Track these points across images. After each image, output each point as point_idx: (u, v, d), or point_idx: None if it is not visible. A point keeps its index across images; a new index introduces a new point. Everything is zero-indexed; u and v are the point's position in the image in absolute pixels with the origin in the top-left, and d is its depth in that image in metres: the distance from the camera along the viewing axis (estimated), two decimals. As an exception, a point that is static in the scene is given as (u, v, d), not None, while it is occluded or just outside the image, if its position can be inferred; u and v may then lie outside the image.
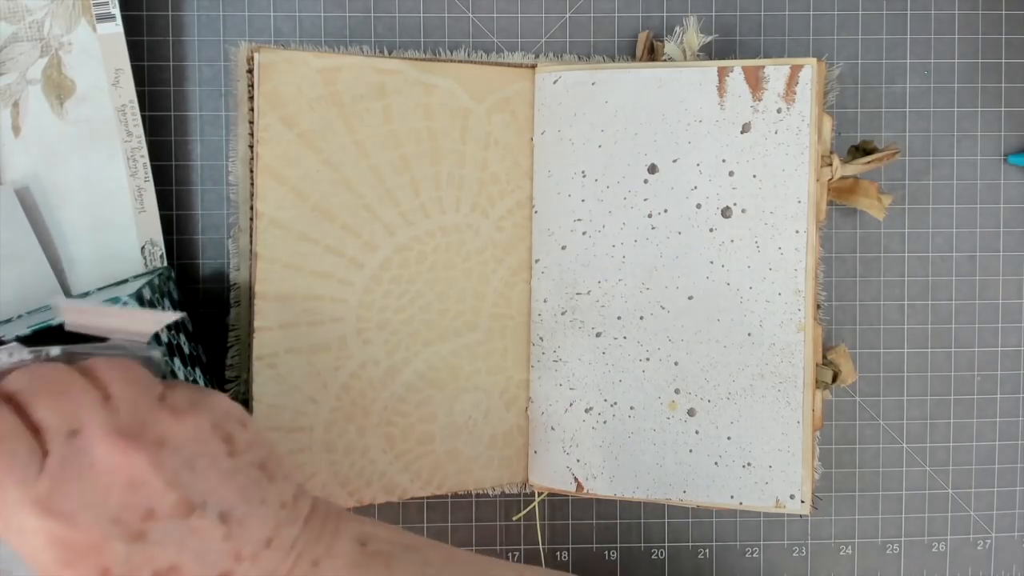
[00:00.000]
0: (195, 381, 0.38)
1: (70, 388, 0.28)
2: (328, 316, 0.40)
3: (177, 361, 0.36)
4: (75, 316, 0.31)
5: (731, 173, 0.40)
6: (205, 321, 0.43)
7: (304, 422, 0.40)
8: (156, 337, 0.34)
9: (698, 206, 0.41)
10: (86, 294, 0.39)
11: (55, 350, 0.31)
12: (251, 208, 0.40)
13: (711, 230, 0.40)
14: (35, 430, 0.27)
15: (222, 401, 0.30)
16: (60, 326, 0.32)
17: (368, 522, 0.33)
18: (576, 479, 0.42)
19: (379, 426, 0.41)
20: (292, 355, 0.39)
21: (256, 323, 0.39)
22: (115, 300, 0.34)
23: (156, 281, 0.39)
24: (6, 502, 0.26)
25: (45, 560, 0.26)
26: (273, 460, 0.31)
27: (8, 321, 0.38)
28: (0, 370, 0.32)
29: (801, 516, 0.45)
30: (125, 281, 0.40)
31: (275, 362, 0.39)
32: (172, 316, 0.31)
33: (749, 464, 0.41)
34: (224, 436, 0.29)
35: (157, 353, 0.33)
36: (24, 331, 0.34)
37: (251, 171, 0.39)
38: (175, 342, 0.37)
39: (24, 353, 0.31)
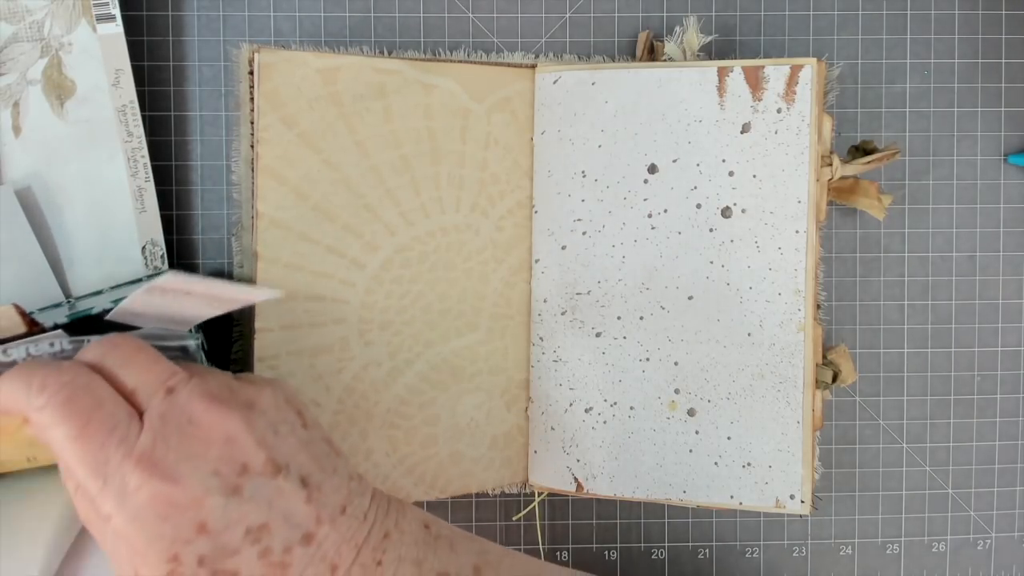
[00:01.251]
0: None
1: (158, 357, 0.30)
2: (330, 317, 0.40)
3: (202, 355, 0.37)
4: (182, 285, 0.31)
5: (731, 173, 0.40)
6: (205, 321, 0.43)
7: (304, 422, 0.40)
8: (190, 333, 0.34)
9: (698, 206, 0.41)
10: (98, 292, 0.39)
11: (95, 342, 0.32)
12: (253, 208, 0.40)
13: (711, 230, 0.40)
14: (126, 395, 0.28)
15: (286, 384, 0.33)
16: (98, 316, 0.33)
17: (427, 512, 0.34)
18: (576, 479, 0.43)
19: (382, 429, 0.41)
20: (294, 357, 0.39)
21: (257, 324, 0.39)
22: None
23: None
24: (109, 462, 0.27)
25: (145, 516, 0.27)
26: (334, 440, 0.33)
27: (98, 293, 0.39)
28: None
29: (801, 516, 0.45)
30: (139, 281, 0.40)
31: (276, 364, 0.39)
32: (270, 292, 0.33)
33: (749, 464, 0.41)
34: (296, 409, 0.31)
35: (192, 343, 0.34)
36: (63, 319, 0.34)
37: (253, 171, 0.39)
38: (200, 339, 0.37)
39: (65, 343, 0.32)
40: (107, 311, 0.32)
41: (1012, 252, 0.45)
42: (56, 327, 0.34)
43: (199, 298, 0.32)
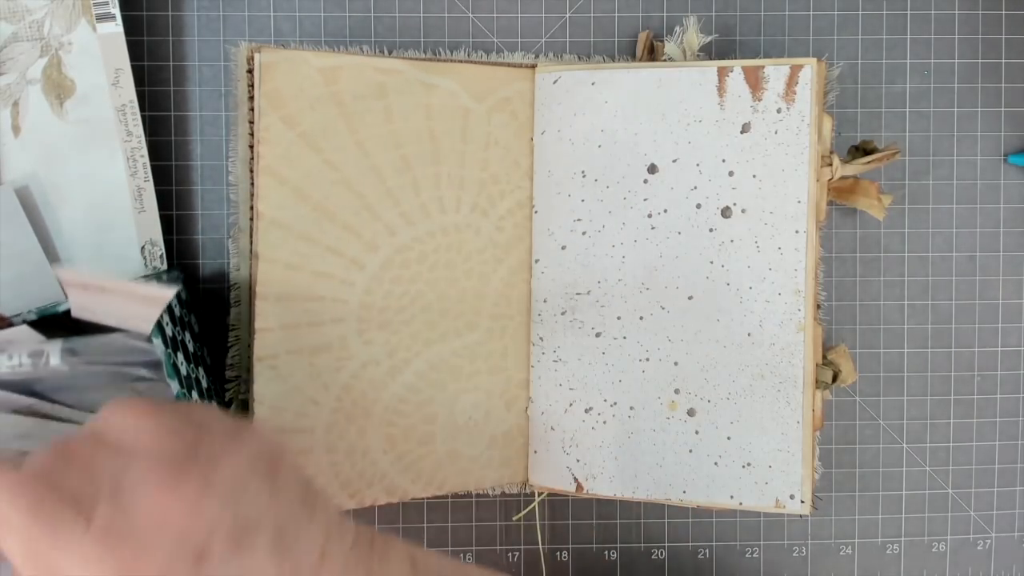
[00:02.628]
0: (198, 380, 0.38)
1: (96, 454, 0.28)
2: (329, 317, 0.40)
3: (180, 356, 0.37)
4: (75, 286, 0.31)
5: (731, 173, 0.40)
6: (205, 321, 0.43)
7: (305, 423, 0.40)
8: (160, 331, 0.34)
9: (698, 206, 0.41)
10: None
11: (55, 356, 0.32)
12: (251, 208, 0.40)
13: (711, 230, 0.40)
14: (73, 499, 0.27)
15: (258, 431, 0.31)
16: (66, 312, 0.33)
17: (415, 545, 0.33)
18: (576, 479, 0.42)
19: (380, 427, 0.41)
20: (293, 356, 0.39)
21: (257, 324, 0.39)
22: None
23: (166, 279, 0.39)
24: (68, 538, 0.26)
25: None
26: (312, 484, 0.31)
27: None
28: None
29: (801, 516, 0.45)
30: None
31: (276, 363, 0.39)
32: (169, 292, 0.32)
33: (749, 464, 0.41)
34: (268, 462, 0.30)
35: (159, 345, 0.33)
36: (31, 316, 0.35)
37: (251, 171, 0.39)
38: (179, 338, 0.37)
39: (23, 358, 0.32)
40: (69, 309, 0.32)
41: (1012, 252, 0.45)
42: (24, 323, 0.34)
43: (123, 295, 0.32)
